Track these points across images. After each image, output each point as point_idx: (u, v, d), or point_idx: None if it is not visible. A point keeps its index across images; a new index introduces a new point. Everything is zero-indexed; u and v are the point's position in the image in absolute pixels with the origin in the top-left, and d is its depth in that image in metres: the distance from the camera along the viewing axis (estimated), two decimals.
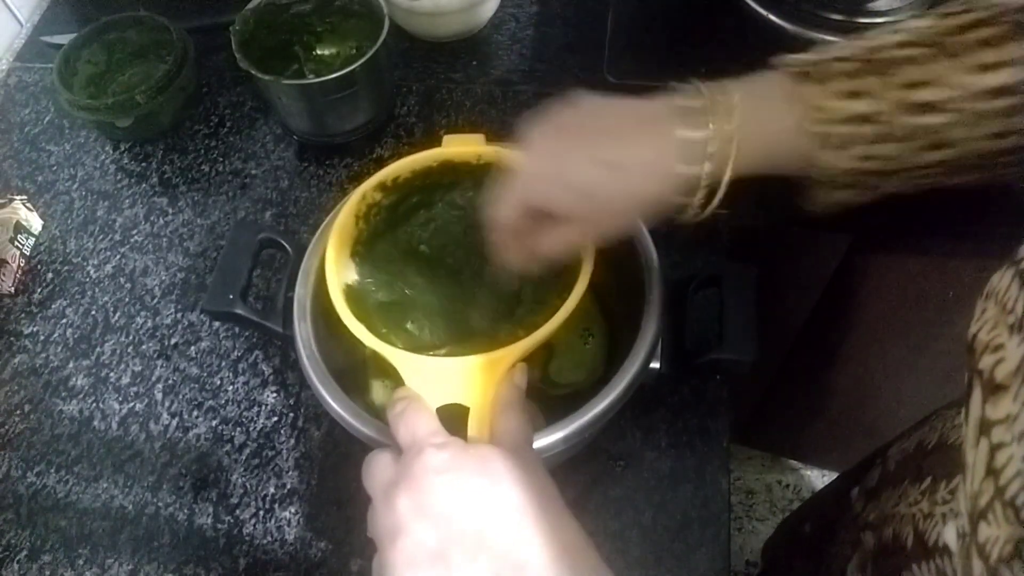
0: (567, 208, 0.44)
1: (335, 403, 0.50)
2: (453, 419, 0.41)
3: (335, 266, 0.52)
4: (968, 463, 0.31)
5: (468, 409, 0.42)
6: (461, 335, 0.56)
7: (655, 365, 0.51)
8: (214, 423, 0.65)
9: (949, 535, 0.39)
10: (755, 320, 0.51)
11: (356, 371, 0.62)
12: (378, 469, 0.38)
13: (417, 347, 0.47)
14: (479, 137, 0.56)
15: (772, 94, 0.43)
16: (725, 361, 0.51)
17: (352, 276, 0.54)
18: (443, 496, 0.35)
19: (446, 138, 0.56)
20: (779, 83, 0.43)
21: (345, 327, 0.49)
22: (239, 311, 0.55)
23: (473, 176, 0.57)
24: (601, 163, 0.43)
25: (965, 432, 0.32)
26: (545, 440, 0.47)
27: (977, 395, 0.32)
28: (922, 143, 0.41)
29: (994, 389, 0.30)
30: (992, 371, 0.31)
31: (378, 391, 0.61)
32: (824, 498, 0.75)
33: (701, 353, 0.52)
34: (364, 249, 0.56)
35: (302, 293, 0.54)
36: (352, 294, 0.53)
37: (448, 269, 0.60)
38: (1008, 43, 0.38)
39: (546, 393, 0.59)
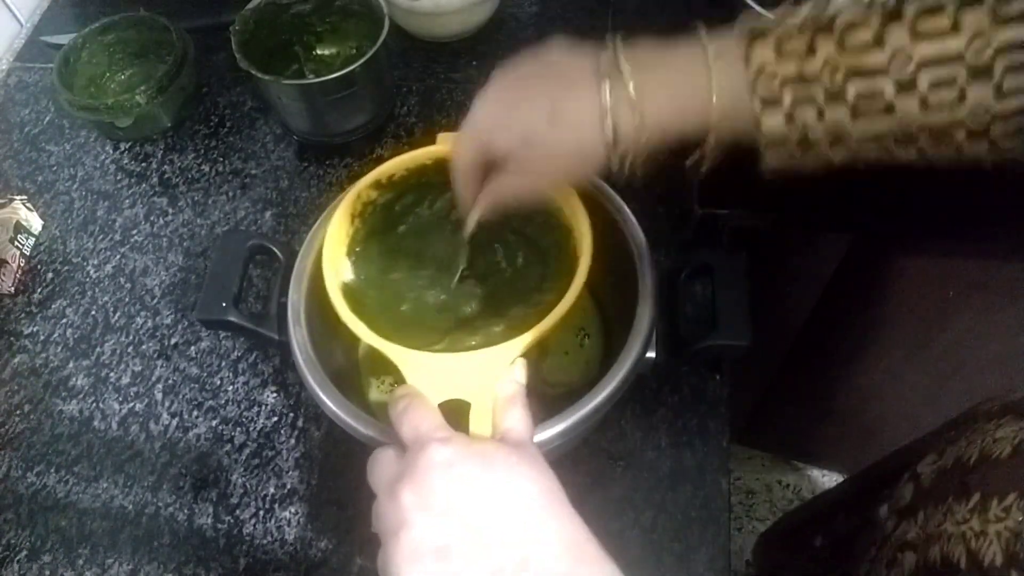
0: (508, 152, 0.46)
1: (334, 406, 0.50)
2: (454, 415, 0.41)
3: (332, 265, 0.52)
4: None
5: (469, 405, 0.42)
6: (459, 332, 0.56)
7: (651, 355, 0.52)
8: (214, 423, 0.65)
9: None
10: (747, 305, 0.51)
11: (353, 372, 0.62)
12: (382, 465, 0.38)
13: (415, 344, 0.47)
14: None
15: (726, 55, 0.43)
16: (720, 347, 0.51)
17: (349, 275, 0.54)
18: (447, 490, 0.35)
19: (440, 136, 0.56)
20: (735, 44, 0.43)
21: (341, 328, 0.49)
22: (232, 319, 0.54)
23: None
24: (542, 111, 0.45)
25: None
26: (544, 433, 0.47)
27: None
28: (856, 111, 0.40)
29: None
30: None
31: (375, 390, 0.61)
32: (835, 508, 0.74)
33: (696, 340, 0.52)
34: (360, 247, 0.56)
35: (295, 298, 0.54)
36: (350, 292, 0.53)
37: (445, 266, 0.60)
38: (951, 11, 0.38)
39: (540, 391, 0.59)
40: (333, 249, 0.53)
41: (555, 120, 0.45)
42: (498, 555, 0.34)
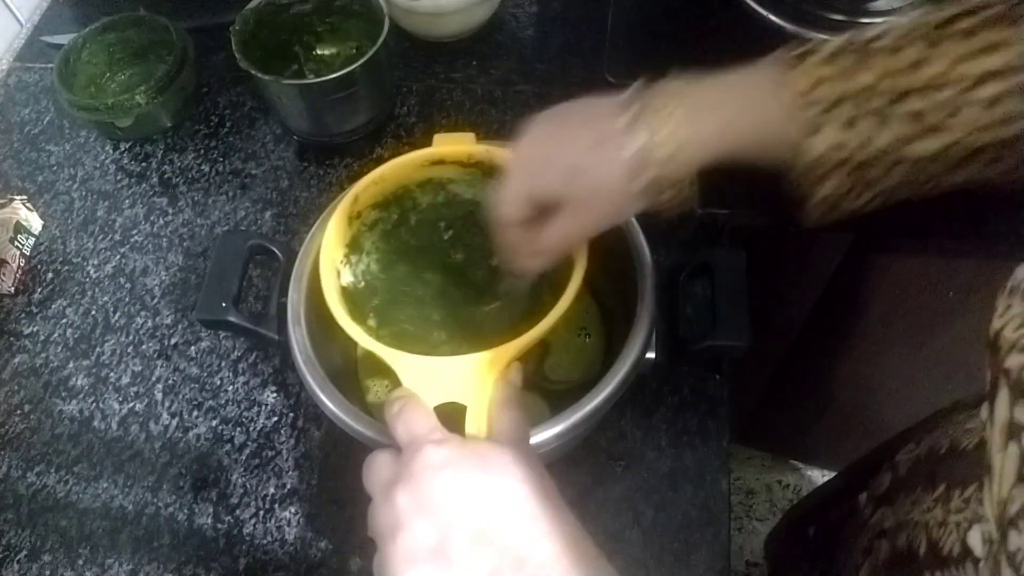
0: (561, 188, 0.44)
1: (334, 406, 0.49)
2: (450, 417, 0.41)
3: (329, 268, 0.52)
4: (995, 467, 0.30)
5: (465, 408, 0.42)
6: (456, 334, 0.56)
7: (651, 355, 0.52)
8: (214, 423, 0.65)
9: (974, 539, 0.38)
10: (747, 305, 0.51)
11: (352, 372, 0.62)
12: (378, 468, 0.38)
13: (412, 347, 0.47)
14: (470, 136, 0.56)
15: (761, 82, 0.42)
16: (720, 347, 0.51)
17: (347, 278, 0.54)
18: (443, 492, 0.35)
19: (436, 138, 0.56)
20: (770, 71, 0.42)
21: (340, 329, 0.49)
22: (232, 319, 0.54)
23: (464, 175, 0.57)
24: (588, 142, 0.43)
25: (989, 434, 0.31)
26: (544, 434, 0.47)
27: (1004, 397, 0.30)
28: (913, 129, 0.40)
29: None
30: (1021, 373, 0.29)
31: (373, 392, 0.61)
32: (827, 500, 0.74)
33: (696, 341, 0.52)
34: (358, 250, 0.56)
35: (295, 298, 0.54)
36: (347, 296, 0.53)
37: (441, 268, 0.60)
38: (995, 28, 0.38)
39: (543, 388, 0.59)
40: (330, 252, 0.53)
41: (602, 145, 0.43)
42: (495, 555, 0.34)
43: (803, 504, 0.86)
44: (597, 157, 0.43)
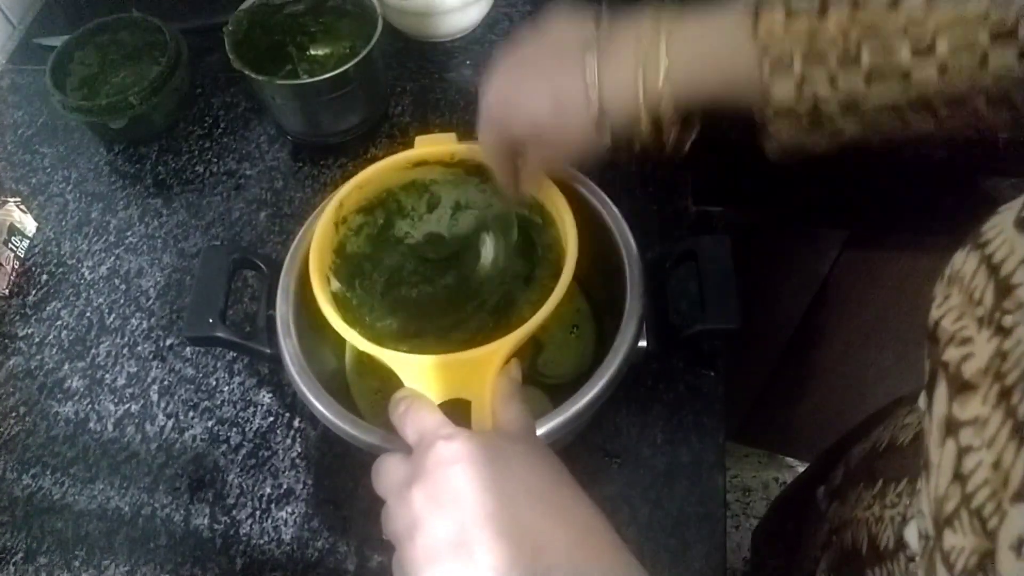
0: (523, 134, 0.48)
1: (331, 415, 0.49)
2: (454, 414, 0.41)
3: (319, 275, 0.52)
4: (933, 462, 0.29)
5: (468, 404, 0.42)
6: (451, 332, 0.56)
7: (643, 344, 0.52)
8: (210, 424, 0.65)
9: (911, 535, 0.37)
10: (734, 288, 0.51)
11: (344, 377, 0.62)
12: (389, 470, 0.38)
13: (409, 347, 0.48)
14: (451, 136, 0.56)
15: (730, 23, 0.43)
16: (710, 331, 0.52)
17: (337, 283, 0.54)
18: (457, 486, 0.35)
19: (418, 139, 0.57)
20: (739, 13, 0.42)
21: (330, 335, 0.49)
22: (220, 334, 0.54)
23: (448, 175, 0.57)
24: (544, 97, 0.46)
25: (928, 426, 0.30)
26: (541, 428, 0.47)
27: (943, 391, 0.30)
28: (885, 74, 0.39)
29: (961, 387, 0.28)
30: (959, 366, 0.29)
31: (365, 396, 0.61)
32: (798, 493, 0.75)
33: (686, 327, 0.52)
34: (346, 255, 0.56)
35: (284, 309, 0.54)
36: (339, 301, 0.53)
37: (430, 268, 0.60)
38: None
39: (538, 383, 0.60)
40: (319, 259, 0.52)
41: (557, 103, 0.46)
42: (513, 546, 0.34)
43: (781, 505, 0.86)
44: (556, 116, 0.46)
